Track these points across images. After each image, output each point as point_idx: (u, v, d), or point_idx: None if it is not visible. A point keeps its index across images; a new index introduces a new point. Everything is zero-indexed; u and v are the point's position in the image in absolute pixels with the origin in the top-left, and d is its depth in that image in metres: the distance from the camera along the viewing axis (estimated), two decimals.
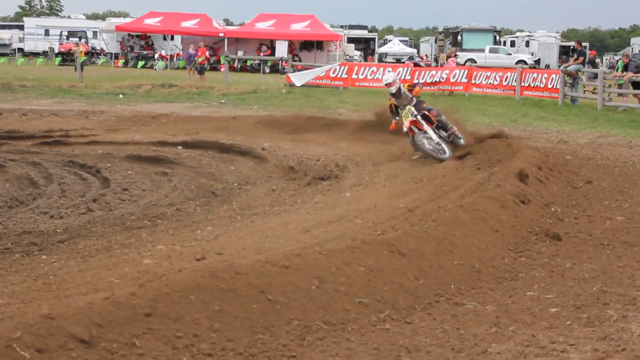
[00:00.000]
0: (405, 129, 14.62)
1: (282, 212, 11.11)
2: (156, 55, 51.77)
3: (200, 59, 37.25)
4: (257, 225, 10.18)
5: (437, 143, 14.45)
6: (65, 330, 4.83)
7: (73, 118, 21.96)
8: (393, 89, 15.09)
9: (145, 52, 53.24)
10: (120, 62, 51.28)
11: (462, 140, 15.06)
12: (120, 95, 29.25)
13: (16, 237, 9.82)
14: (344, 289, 6.35)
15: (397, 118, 15.11)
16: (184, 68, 42.46)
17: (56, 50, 55.46)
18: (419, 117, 14.54)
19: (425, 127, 14.50)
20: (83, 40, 57.23)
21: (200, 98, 28.89)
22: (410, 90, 15.10)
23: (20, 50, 61.86)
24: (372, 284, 6.60)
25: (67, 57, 48.94)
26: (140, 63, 49.28)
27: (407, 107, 14.69)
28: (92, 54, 53.24)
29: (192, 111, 24.44)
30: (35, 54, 56.56)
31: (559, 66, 44.77)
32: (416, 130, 14.57)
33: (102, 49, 56.59)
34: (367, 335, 5.75)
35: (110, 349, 4.84)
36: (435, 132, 14.60)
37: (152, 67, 49.29)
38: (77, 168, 15.35)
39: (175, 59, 51.01)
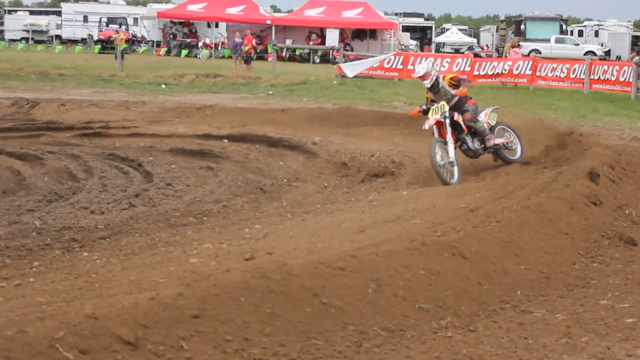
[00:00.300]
0: (426, 126, 13.15)
1: (335, 211, 11.12)
2: (200, 44, 52.18)
3: (246, 48, 37.40)
4: (309, 224, 10.20)
5: (451, 162, 12.83)
6: (109, 331, 4.87)
7: (113, 109, 22.18)
8: (427, 83, 13.32)
9: (188, 40, 53.68)
10: (163, 50, 51.74)
11: (516, 156, 13.69)
12: (163, 86, 29.51)
13: (56, 233, 9.95)
14: (403, 293, 6.33)
15: (424, 107, 13.44)
16: (230, 57, 42.72)
17: (95, 38, 56.13)
18: (447, 120, 13.03)
19: (449, 136, 12.98)
20: (123, 27, 57.94)
21: (247, 89, 29.01)
22: (455, 86, 13.40)
23: (58, 37, 62.68)
24: (433, 288, 6.56)
25: (106, 45, 49.61)
26: (184, 52, 49.67)
27: (442, 102, 13.13)
28: (132, 41, 53.82)
29: (239, 103, 24.56)
30: (74, 42, 57.36)
31: (632, 58, 44.16)
32: (436, 134, 13.11)
33: (143, 37, 57.13)
34: (427, 343, 5.72)
35: (157, 351, 4.88)
36: (463, 145, 13.27)
37: (195, 56, 49.70)
38: (118, 161, 15.53)
39: (220, 48, 51.41)
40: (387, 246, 7.44)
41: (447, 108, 13.08)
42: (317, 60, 45.02)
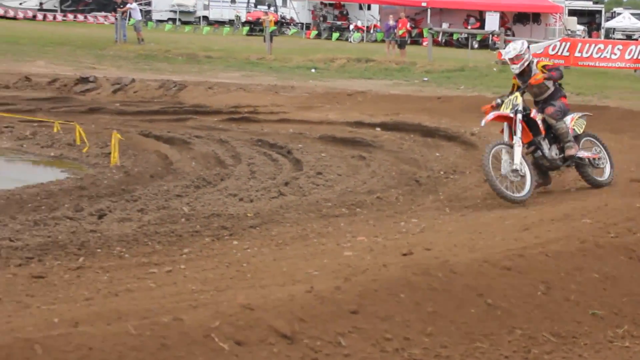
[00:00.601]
0: (482, 123, 11.80)
1: (496, 207, 10.96)
2: (351, 27, 52.37)
3: (400, 32, 37.37)
4: (469, 219, 10.12)
5: (515, 170, 10.98)
6: (265, 323, 4.95)
7: (262, 93, 22.58)
8: (516, 68, 11.70)
9: (339, 23, 53.98)
10: (313, 33, 52.20)
11: (604, 177, 11.91)
12: (313, 70, 29.83)
13: (205, 220, 10.22)
14: (575, 297, 6.18)
15: (498, 100, 11.83)
16: (382, 41, 42.76)
17: (243, 19, 57.15)
18: (519, 116, 11.22)
19: (517, 137, 11.14)
20: (272, 8, 58.77)
21: (401, 75, 29.00)
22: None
23: (205, 18, 64.11)
24: (608, 293, 6.38)
25: (255, 27, 50.43)
26: (334, 35, 50.00)
27: (515, 94, 11.51)
28: (281, 23, 54.46)
29: (392, 89, 24.57)
30: (221, 23, 58.56)
31: None
32: (506, 135, 11.43)
33: (292, 19, 57.81)
34: (602, 353, 5.57)
35: (314, 346, 4.92)
36: (537, 152, 11.52)
37: (346, 39, 49.96)
38: (266, 148, 15.83)
39: (372, 31, 51.44)
40: (555, 246, 7.29)
41: (519, 101, 11.33)
42: (476, 46, 44.39)
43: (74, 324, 5.01)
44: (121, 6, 40.33)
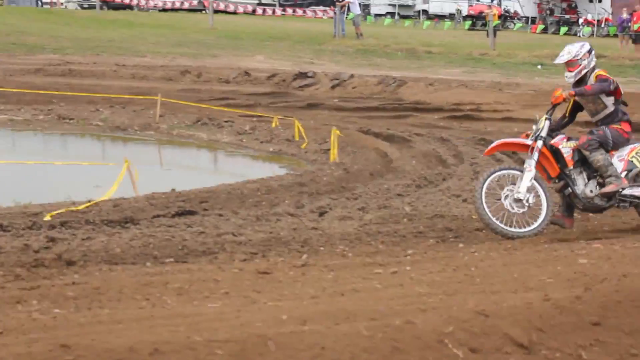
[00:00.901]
0: (483, 153, 10.93)
1: None
2: (580, 20, 51.30)
3: (635, 26, 36.32)
4: None
5: (518, 200, 9.46)
6: (501, 330, 4.90)
7: (484, 90, 22.46)
8: (571, 76, 9.74)
9: (567, 17, 52.96)
10: (539, 27, 51.48)
11: None
12: (539, 66, 29.37)
13: (428, 220, 10.25)
14: None
15: (534, 126, 10.02)
16: (615, 36, 41.59)
17: (464, 13, 56.95)
18: (539, 142, 9.71)
19: (530, 162, 9.67)
20: (495, 1, 58.19)
21: (635, 72, 28.14)
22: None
23: (425, 12, 64.29)
24: None
25: (477, 21, 50.13)
26: (562, 29, 49.05)
27: (543, 117, 9.95)
28: (505, 17, 53.94)
29: (625, 87, 23.48)
30: (441, 17, 58.56)
31: None
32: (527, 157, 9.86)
33: (516, 12, 57.14)
34: None
35: (553, 358, 4.84)
36: (567, 188, 9.74)
37: (575, 33, 48.96)
38: None
39: (603, 25, 50.14)
40: None
41: (542, 125, 9.84)
42: None
43: (302, 322, 5.10)
44: (340, 0, 40.95)
